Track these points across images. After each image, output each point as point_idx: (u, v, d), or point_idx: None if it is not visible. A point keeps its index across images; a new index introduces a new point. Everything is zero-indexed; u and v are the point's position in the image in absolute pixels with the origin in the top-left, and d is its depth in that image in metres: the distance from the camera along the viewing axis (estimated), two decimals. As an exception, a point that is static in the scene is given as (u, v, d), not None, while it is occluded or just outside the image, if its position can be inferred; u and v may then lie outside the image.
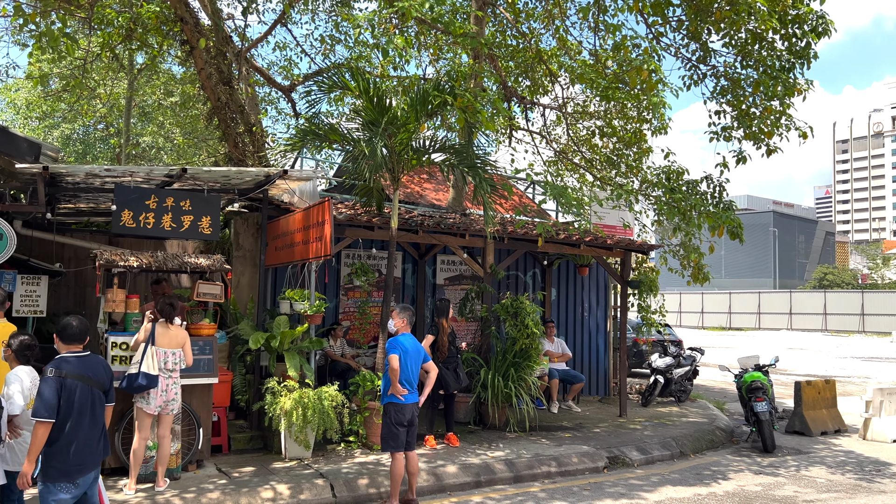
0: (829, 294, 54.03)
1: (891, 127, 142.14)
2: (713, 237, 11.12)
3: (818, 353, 30.67)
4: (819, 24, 10.25)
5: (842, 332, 49.39)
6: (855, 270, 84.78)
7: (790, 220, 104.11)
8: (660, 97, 9.72)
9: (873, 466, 9.13)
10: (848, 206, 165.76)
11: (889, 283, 64.58)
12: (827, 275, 77.15)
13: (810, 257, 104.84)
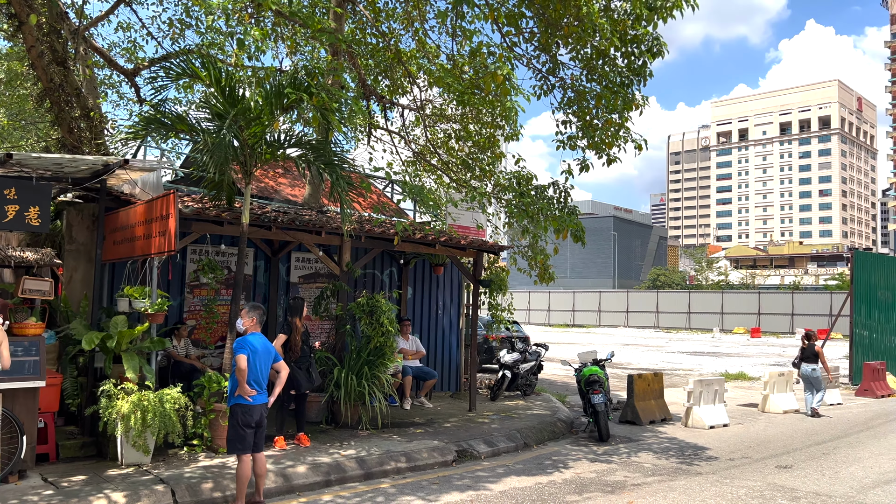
0: (661, 294, 58.75)
1: (716, 142, 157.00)
2: (558, 239, 11.74)
3: (651, 349, 33.28)
4: (654, 45, 11.12)
5: (671, 328, 53.90)
6: (684, 272, 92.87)
7: (629, 225, 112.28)
8: (513, 103, 10.13)
9: (692, 451, 10.06)
10: (679, 213, 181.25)
11: (712, 284, 71.33)
12: (660, 276, 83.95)
13: (646, 259, 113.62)
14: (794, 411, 14.11)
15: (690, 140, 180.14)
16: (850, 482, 8.33)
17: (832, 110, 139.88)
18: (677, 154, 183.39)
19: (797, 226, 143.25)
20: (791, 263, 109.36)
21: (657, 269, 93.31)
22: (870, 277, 20.71)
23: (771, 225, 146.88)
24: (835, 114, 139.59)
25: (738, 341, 41.29)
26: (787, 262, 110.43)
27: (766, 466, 9.10)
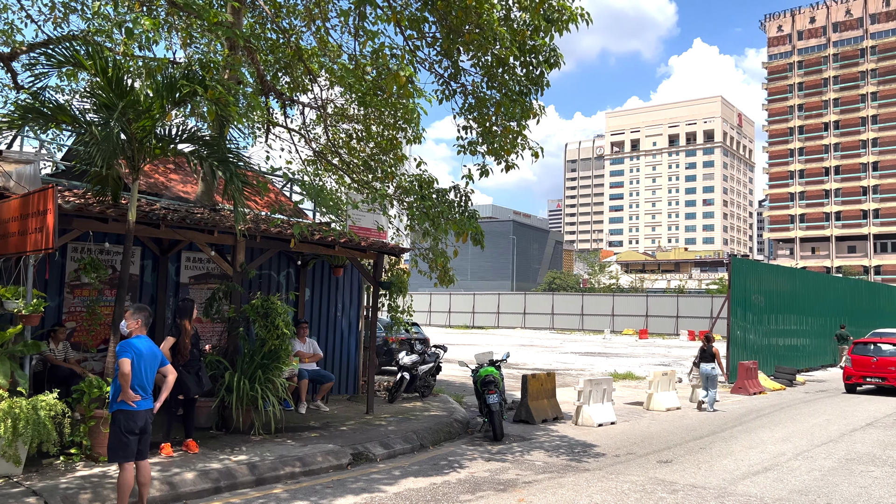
0: (557, 296, 60.63)
1: (610, 152, 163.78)
2: (457, 242, 11.89)
3: (546, 349, 34.28)
4: (552, 56, 11.49)
5: (566, 329, 55.74)
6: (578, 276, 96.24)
7: (527, 230, 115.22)
8: (415, 105, 10.19)
9: (581, 448, 10.46)
10: (574, 218, 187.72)
11: (604, 288, 74.30)
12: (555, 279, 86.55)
13: (542, 263, 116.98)
14: (676, 408, 14.92)
15: (586, 149, 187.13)
16: (723, 474, 8.90)
17: (716, 125, 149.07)
18: (573, 162, 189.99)
19: (683, 233, 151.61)
20: (677, 268, 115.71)
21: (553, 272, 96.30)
22: (745, 282, 22.22)
23: (659, 231, 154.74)
24: (718, 128, 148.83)
25: (628, 342, 43.24)
26: (674, 267, 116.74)
27: (649, 462, 9.59)
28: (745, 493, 7.99)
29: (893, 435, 12.27)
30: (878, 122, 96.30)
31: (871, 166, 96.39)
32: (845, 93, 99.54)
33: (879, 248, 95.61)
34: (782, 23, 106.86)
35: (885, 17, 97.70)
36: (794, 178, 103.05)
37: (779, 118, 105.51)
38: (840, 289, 32.53)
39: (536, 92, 11.91)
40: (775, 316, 24.16)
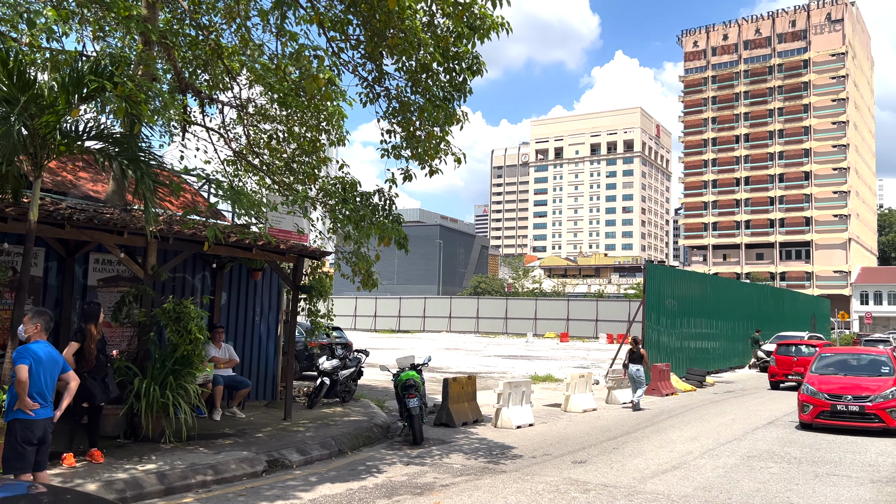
0: (482, 300, 61.28)
1: (534, 159, 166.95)
2: (380, 246, 11.86)
3: (470, 353, 34.59)
4: (474, 63, 11.62)
5: (490, 333, 56.38)
6: (503, 280, 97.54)
7: (454, 234, 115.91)
8: (335, 107, 10.11)
9: (500, 450, 10.60)
10: (500, 223, 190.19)
11: (527, 292, 75.60)
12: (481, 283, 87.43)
13: (469, 267, 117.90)
14: (593, 410, 15.34)
15: (512, 155, 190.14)
16: (633, 473, 9.21)
17: (635, 135, 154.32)
18: (500, 168, 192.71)
19: (604, 239, 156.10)
20: (597, 273, 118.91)
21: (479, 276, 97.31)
22: (659, 287, 23.07)
23: (581, 237, 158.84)
24: (637, 138, 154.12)
25: (550, 345, 44.14)
26: (594, 272, 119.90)
27: (564, 462, 9.82)
28: (653, 491, 8.29)
29: (791, 433, 12.99)
30: (783, 136, 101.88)
31: (778, 178, 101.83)
32: (755, 107, 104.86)
33: (785, 255, 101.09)
34: (698, 38, 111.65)
35: (790, 37, 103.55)
36: (708, 188, 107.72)
37: (694, 130, 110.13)
38: (747, 294, 34.21)
39: (459, 98, 12.03)
40: (687, 319, 25.18)
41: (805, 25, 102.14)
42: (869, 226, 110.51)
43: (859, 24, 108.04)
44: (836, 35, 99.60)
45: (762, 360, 28.45)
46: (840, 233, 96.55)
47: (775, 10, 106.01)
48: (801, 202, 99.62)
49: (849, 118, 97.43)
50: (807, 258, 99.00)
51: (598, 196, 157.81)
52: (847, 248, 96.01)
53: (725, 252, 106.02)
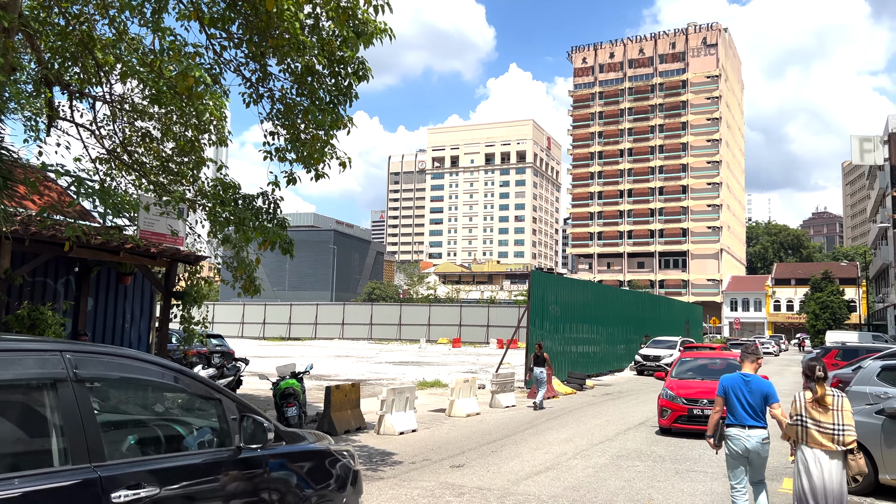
0: (376, 307, 60.95)
1: (431, 166, 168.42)
2: (262, 251, 11.55)
3: (361, 359, 34.30)
4: (360, 69, 11.57)
5: (384, 339, 56.17)
6: (398, 286, 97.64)
7: (349, 240, 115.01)
8: (206, 106, 9.77)
9: (380, 457, 10.56)
10: (397, 230, 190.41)
11: (421, 298, 76.01)
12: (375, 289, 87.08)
13: (363, 273, 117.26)
14: (476, 414, 15.58)
15: (409, 162, 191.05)
16: (508, 475, 9.42)
17: (528, 146, 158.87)
18: (397, 174, 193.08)
19: (497, 246, 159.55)
20: (490, 280, 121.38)
21: (373, 282, 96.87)
22: (544, 294, 23.80)
23: (476, 245, 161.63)
24: (529, 150, 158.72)
25: (442, 351, 44.52)
26: (487, 279, 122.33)
27: (442, 467, 9.91)
28: (524, 492, 8.51)
29: (659, 433, 13.72)
30: (663, 152, 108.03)
31: (658, 191, 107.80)
32: (638, 123, 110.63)
33: (664, 264, 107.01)
34: (586, 55, 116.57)
35: (670, 59, 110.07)
36: (594, 199, 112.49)
37: (582, 143, 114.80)
38: (627, 301, 35.91)
39: (345, 102, 11.96)
40: (570, 325, 26.12)
41: (684, 48, 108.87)
42: (738, 237, 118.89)
43: (731, 50, 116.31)
44: (711, 58, 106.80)
45: (639, 364, 29.91)
46: (713, 243, 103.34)
47: (657, 32, 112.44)
48: (679, 214, 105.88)
49: (721, 136, 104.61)
50: (683, 267, 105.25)
51: (493, 205, 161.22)
52: (719, 257, 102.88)
53: (609, 260, 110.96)
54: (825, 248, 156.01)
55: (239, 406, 4.23)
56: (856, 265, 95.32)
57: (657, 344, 31.30)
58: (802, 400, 6.09)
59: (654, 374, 28.36)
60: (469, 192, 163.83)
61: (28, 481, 3.02)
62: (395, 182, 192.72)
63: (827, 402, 5.95)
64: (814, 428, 5.96)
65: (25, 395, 3.33)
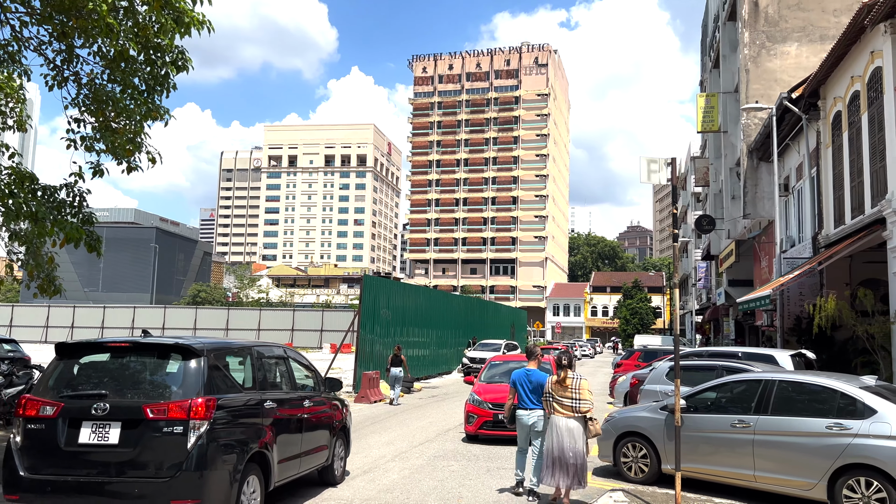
0: (201, 310, 58.01)
1: (268, 165, 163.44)
2: (60, 248, 10.62)
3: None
4: (179, 58, 10.99)
5: (209, 345, 53.52)
6: (227, 289, 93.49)
7: (173, 238, 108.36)
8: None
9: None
10: (228, 230, 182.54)
11: (252, 302, 73.36)
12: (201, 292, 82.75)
13: (188, 275, 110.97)
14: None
15: (243, 159, 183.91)
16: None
17: (368, 151, 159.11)
18: (230, 171, 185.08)
19: (335, 250, 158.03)
20: (327, 284, 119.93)
21: (199, 284, 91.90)
22: (376, 298, 23.91)
23: (313, 248, 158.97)
24: (370, 154, 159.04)
25: (271, 356, 43.14)
26: (324, 283, 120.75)
27: (256, 475, 9.59)
28: (339, 497, 8.47)
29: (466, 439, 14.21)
30: (497, 163, 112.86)
31: (491, 200, 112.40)
32: (474, 135, 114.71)
33: (494, 270, 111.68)
34: (427, 65, 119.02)
35: (505, 75, 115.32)
36: (432, 206, 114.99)
37: (421, 151, 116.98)
38: (457, 305, 37.01)
39: (162, 93, 11.29)
40: (401, 329, 26.44)
41: (518, 65, 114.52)
42: (562, 247, 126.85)
43: (560, 70, 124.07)
44: (542, 77, 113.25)
45: (466, 366, 30.90)
46: (539, 252, 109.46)
47: (494, 49, 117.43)
48: (509, 224, 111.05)
49: (549, 152, 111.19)
50: (512, 274, 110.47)
51: (332, 207, 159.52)
52: (544, 266, 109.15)
53: (445, 266, 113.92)
54: (637, 259, 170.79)
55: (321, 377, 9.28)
56: (662, 275, 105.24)
57: (484, 347, 32.52)
58: (550, 383, 8.32)
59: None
60: (307, 194, 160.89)
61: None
62: (228, 179, 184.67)
63: (567, 384, 8.13)
64: (557, 402, 8.14)
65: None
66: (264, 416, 7.09)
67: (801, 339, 18.15)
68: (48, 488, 5.95)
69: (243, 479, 6.50)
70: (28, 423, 6.15)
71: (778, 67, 25.19)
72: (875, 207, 14.73)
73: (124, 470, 5.92)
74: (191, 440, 5.98)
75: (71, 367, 6.57)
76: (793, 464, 7.93)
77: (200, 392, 6.19)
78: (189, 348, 6.41)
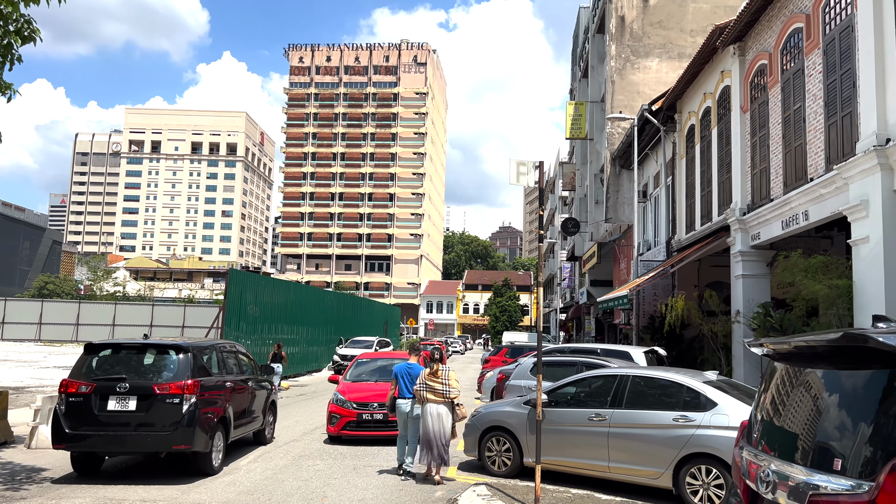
0: (48, 303, 53.60)
1: (128, 150, 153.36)
2: None
3: (23, 364, 29.74)
4: (25, 28, 10.02)
5: (57, 341, 49.49)
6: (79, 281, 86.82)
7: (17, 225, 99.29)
8: None
9: (27, 474, 9.20)
10: (82, 217, 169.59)
11: (107, 295, 68.51)
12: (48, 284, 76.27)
13: (35, 265, 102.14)
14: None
15: (101, 143, 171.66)
16: (179, 485, 8.83)
17: (240, 139, 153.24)
18: (85, 155, 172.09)
19: (200, 242, 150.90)
20: (190, 277, 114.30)
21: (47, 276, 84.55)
22: (243, 293, 23.04)
23: (176, 239, 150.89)
24: (241, 143, 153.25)
25: (127, 354, 40.49)
26: (187, 276, 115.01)
27: (103, 480, 8.94)
28: (195, 501, 8.05)
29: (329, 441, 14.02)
30: (374, 159, 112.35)
31: (368, 196, 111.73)
32: (351, 129, 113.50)
33: (369, 267, 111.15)
34: (303, 55, 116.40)
35: (384, 71, 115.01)
36: (306, 200, 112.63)
37: (296, 142, 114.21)
38: (329, 302, 36.45)
39: (3, 65, 10.25)
40: (271, 325, 25.67)
41: (397, 62, 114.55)
42: (437, 245, 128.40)
43: (439, 71, 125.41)
44: (421, 76, 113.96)
45: (337, 364, 30.52)
46: (415, 250, 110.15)
47: (373, 43, 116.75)
48: (386, 220, 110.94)
49: (427, 151, 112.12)
50: (387, 271, 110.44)
51: (198, 197, 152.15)
52: (419, 263, 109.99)
53: (318, 262, 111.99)
54: (508, 259, 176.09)
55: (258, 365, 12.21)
56: (530, 274, 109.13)
57: (355, 344, 32.26)
58: (424, 374, 9.54)
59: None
60: (171, 182, 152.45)
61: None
62: (83, 163, 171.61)
63: (438, 375, 9.44)
64: (430, 391, 9.39)
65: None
66: (226, 392, 10.04)
67: (654, 336, 19.38)
68: (88, 438, 8.82)
69: (215, 432, 9.46)
70: (69, 397, 8.96)
71: (641, 80, 26.77)
72: (721, 215, 15.98)
73: (140, 427, 8.82)
74: (184, 407, 8.88)
75: (94, 359, 9.45)
76: (643, 454, 8.42)
77: (189, 376, 9.11)
78: (181, 347, 9.37)
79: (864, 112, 9.85)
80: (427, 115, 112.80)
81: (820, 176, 11.32)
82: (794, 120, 12.52)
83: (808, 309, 12.16)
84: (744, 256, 14.57)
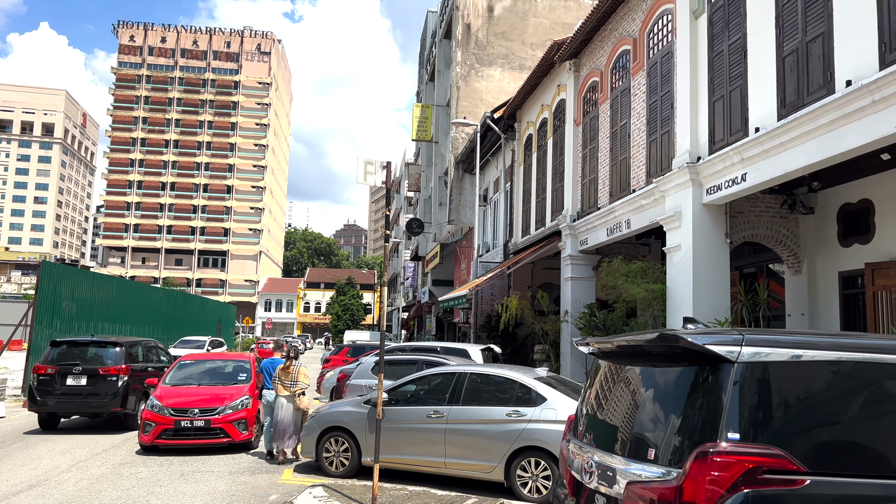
0: None
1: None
2: None
3: None
4: None
5: None
6: None
7: None
8: None
9: None
10: None
11: None
12: None
13: None
14: (-54, 431, 12.78)
15: None
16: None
17: (57, 119, 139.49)
18: None
19: (7, 230, 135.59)
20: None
21: None
22: (57, 288, 21.00)
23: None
24: (59, 123, 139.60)
25: (-89, 355, 35.53)
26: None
27: None
28: (-6, 519, 7.23)
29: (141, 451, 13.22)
30: (211, 149, 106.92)
31: (203, 187, 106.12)
32: (187, 115, 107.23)
33: (203, 262, 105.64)
34: (135, 33, 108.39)
35: (224, 57, 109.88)
36: (133, 188, 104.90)
37: (123, 126, 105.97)
38: (157, 298, 34.18)
39: None
40: (89, 323, 23.59)
41: (239, 49, 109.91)
42: (278, 241, 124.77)
43: (284, 62, 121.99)
44: (264, 66, 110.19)
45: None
46: (253, 245, 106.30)
47: (214, 28, 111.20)
48: (222, 213, 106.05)
49: (269, 143, 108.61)
50: (223, 267, 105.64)
51: (6, 181, 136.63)
52: (258, 259, 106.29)
53: (145, 255, 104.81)
54: (352, 257, 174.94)
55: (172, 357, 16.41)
56: (374, 273, 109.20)
57: (185, 344, 30.55)
58: (279, 369, 10.92)
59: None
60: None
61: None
62: None
63: (290, 370, 10.85)
64: (281, 384, 10.78)
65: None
66: (148, 374, 13.97)
67: (490, 334, 20.14)
68: (52, 403, 12.98)
69: (139, 400, 13.58)
70: (40, 376, 13.05)
71: (484, 88, 27.72)
72: (554, 221, 16.93)
73: (89, 396, 13.04)
74: (119, 384, 13.13)
75: (57, 350, 13.57)
76: (477, 449, 8.71)
77: (122, 362, 13.34)
78: (118, 342, 13.71)
79: (680, 131, 10.88)
80: (270, 106, 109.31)
81: (641, 188, 12.34)
82: (621, 135, 13.56)
83: (628, 310, 13.22)
84: (573, 260, 15.54)
